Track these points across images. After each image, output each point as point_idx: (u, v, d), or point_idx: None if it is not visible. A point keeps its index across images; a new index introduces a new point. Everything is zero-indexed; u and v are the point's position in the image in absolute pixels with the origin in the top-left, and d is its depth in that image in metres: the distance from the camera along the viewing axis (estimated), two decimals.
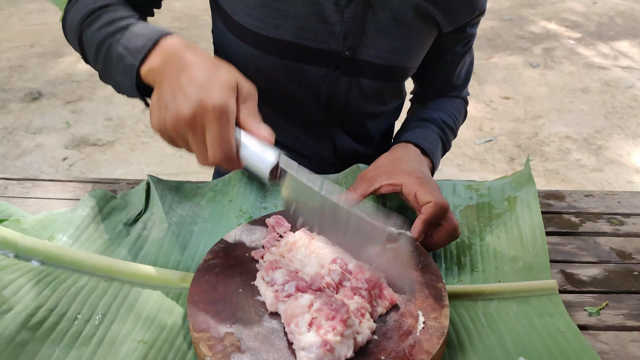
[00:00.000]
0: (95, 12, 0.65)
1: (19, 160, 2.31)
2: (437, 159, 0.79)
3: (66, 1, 0.70)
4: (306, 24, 0.72)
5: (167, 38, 0.57)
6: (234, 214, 0.71)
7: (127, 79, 0.59)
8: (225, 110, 0.49)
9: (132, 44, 0.58)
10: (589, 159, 2.44)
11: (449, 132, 0.85)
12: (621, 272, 0.67)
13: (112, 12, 0.64)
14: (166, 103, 0.50)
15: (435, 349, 0.49)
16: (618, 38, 3.81)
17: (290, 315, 0.49)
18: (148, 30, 0.59)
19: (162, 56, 0.55)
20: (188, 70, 0.51)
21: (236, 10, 0.73)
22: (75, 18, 0.66)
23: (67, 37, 0.71)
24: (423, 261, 0.60)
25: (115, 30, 0.61)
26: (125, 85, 0.60)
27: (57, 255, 0.59)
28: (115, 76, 0.62)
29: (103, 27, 0.63)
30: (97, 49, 0.63)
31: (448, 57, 0.85)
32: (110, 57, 0.61)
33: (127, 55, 0.58)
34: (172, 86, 0.51)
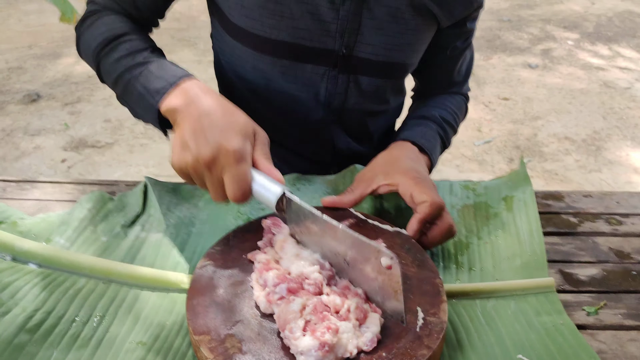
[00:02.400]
0: (112, 42, 0.68)
1: (17, 162, 2.30)
2: (435, 157, 0.79)
3: (65, 1, 0.71)
4: (302, 23, 0.72)
5: (186, 81, 0.61)
6: (232, 216, 0.70)
7: (147, 115, 0.65)
8: (243, 153, 0.54)
9: (152, 85, 0.62)
10: (587, 159, 2.44)
11: (448, 128, 0.85)
12: (619, 272, 0.67)
13: (129, 43, 0.68)
14: (187, 144, 0.55)
15: (435, 344, 0.49)
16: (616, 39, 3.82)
17: (284, 321, 0.49)
18: (166, 72, 0.63)
19: (182, 98, 0.59)
20: (208, 115, 0.55)
21: (232, 12, 0.74)
22: (92, 45, 0.70)
23: (83, 58, 0.75)
24: (419, 258, 0.60)
25: (134, 65, 0.66)
26: (145, 119, 0.66)
27: (55, 257, 0.59)
28: (136, 109, 0.67)
29: (121, 59, 0.67)
30: (116, 80, 0.67)
31: (448, 53, 0.85)
32: (129, 92, 0.66)
33: (147, 96, 0.63)
34: (194, 129, 0.55)
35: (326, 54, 0.75)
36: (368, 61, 0.77)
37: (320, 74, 0.77)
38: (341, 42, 0.74)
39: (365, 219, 0.66)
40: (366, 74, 0.78)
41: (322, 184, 0.78)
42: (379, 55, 0.77)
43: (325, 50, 0.75)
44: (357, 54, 0.76)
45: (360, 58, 0.76)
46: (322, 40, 0.74)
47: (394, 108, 0.92)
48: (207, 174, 0.55)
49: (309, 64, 0.76)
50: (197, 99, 0.58)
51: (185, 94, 0.59)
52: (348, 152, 0.89)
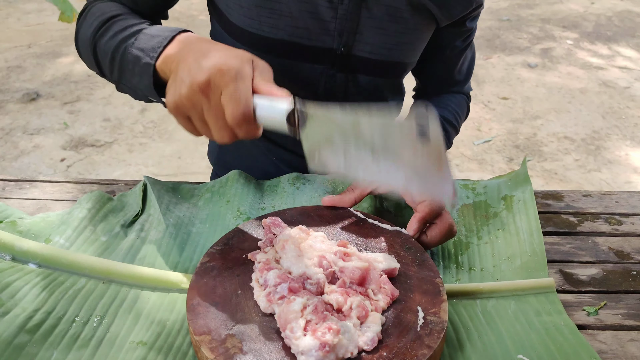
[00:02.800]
0: (107, 23, 0.66)
1: (16, 161, 2.30)
2: None
3: (65, 0, 0.70)
4: (300, 22, 0.72)
5: (184, 33, 0.58)
6: (232, 215, 0.70)
7: (144, 79, 0.60)
8: (241, 71, 0.49)
9: (148, 44, 0.59)
10: (587, 159, 2.44)
11: (450, 128, 0.85)
12: (619, 272, 0.67)
13: (124, 21, 0.65)
14: (182, 78, 0.51)
15: (436, 343, 0.49)
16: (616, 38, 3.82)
17: (284, 321, 0.49)
18: (163, 30, 0.60)
19: (178, 46, 0.56)
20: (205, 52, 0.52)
21: (231, 11, 0.74)
22: (87, 32, 0.68)
23: (81, 53, 0.72)
24: (420, 257, 0.60)
25: (129, 35, 0.62)
26: (142, 86, 0.61)
27: (55, 257, 0.59)
28: (132, 80, 0.62)
29: (116, 34, 0.64)
30: (112, 57, 0.64)
31: (448, 52, 0.84)
32: (125, 62, 0.62)
33: (143, 56, 0.59)
34: (188, 65, 0.51)
35: (325, 52, 0.75)
36: (367, 60, 0.77)
37: (318, 73, 0.77)
38: (340, 41, 0.74)
39: (365, 218, 0.66)
40: (365, 72, 0.78)
41: (321, 183, 0.78)
42: (377, 54, 0.76)
43: (324, 49, 0.75)
44: (356, 52, 0.76)
45: (359, 57, 0.76)
46: (320, 39, 0.74)
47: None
48: (205, 101, 0.50)
49: (307, 63, 0.76)
50: (193, 43, 0.55)
51: (182, 42, 0.57)
52: None
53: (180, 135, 2.52)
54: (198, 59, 0.51)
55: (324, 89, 0.79)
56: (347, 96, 0.81)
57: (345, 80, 0.79)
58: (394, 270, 0.57)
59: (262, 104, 0.50)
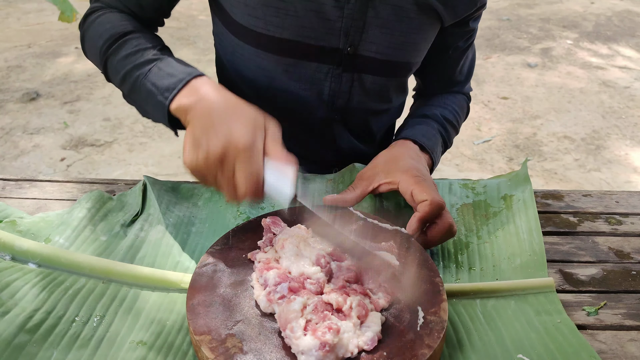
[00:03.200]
0: (119, 40, 0.68)
1: (16, 161, 2.30)
2: (436, 156, 0.79)
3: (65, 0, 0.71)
4: (306, 21, 0.72)
5: (196, 79, 0.61)
6: (232, 215, 0.70)
7: (157, 113, 0.63)
8: (254, 146, 0.53)
9: (162, 83, 0.62)
10: (587, 158, 2.44)
11: (450, 128, 0.85)
12: (619, 272, 0.67)
13: (137, 40, 0.67)
14: (199, 142, 0.55)
15: (436, 343, 0.49)
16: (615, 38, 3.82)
17: (285, 320, 0.49)
18: (177, 70, 0.63)
19: (192, 97, 0.59)
20: (218, 111, 0.56)
21: (235, 10, 0.73)
22: (97, 43, 0.69)
23: (88, 57, 0.75)
24: (419, 257, 0.60)
25: (142, 63, 0.65)
26: (155, 117, 0.66)
27: (54, 257, 0.59)
28: (145, 107, 0.66)
29: (128, 56, 0.66)
30: (124, 78, 0.66)
31: (450, 53, 0.85)
32: (137, 90, 0.65)
33: (157, 94, 0.62)
34: (204, 126, 0.55)
35: (330, 52, 0.75)
36: (372, 60, 0.77)
37: (324, 73, 0.77)
38: (346, 41, 0.74)
39: (365, 217, 0.66)
40: (370, 72, 0.78)
41: (322, 183, 0.78)
42: (383, 53, 0.76)
43: (330, 48, 0.75)
44: (362, 52, 0.76)
45: (365, 57, 0.76)
46: (326, 38, 0.74)
47: (396, 107, 0.92)
48: (219, 171, 0.54)
49: (313, 63, 0.76)
50: (207, 96, 0.58)
51: (196, 92, 0.59)
52: (350, 151, 0.89)
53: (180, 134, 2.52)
54: (214, 126, 0.54)
55: (329, 88, 0.79)
56: (352, 96, 0.80)
57: (351, 80, 0.78)
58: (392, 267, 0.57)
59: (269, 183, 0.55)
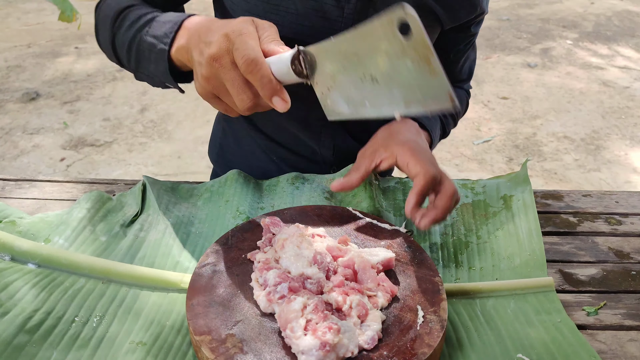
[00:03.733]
0: (122, 13, 0.69)
1: (16, 161, 2.30)
2: (435, 136, 0.79)
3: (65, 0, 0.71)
4: (306, 20, 0.72)
5: (190, 18, 0.61)
6: (231, 215, 0.70)
7: (160, 66, 0.63)
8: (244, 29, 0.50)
9: (160, 31, 0.62)
10: (586, 159, 2.44)
11: (448, 116, 0.86)
12: (619, 272, 0.67)
13: (138, 10, 0.69)
14: (198, 61, 0.53)
15: (436, 342, 0.49)
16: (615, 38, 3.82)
17: (285, 320, 0.49)
18: (172, 16, 0.63)
19: (187, 33, 0.59)
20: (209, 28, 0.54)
21: (236, 7, 0.74)
22: (105, 24, 0.71)
23: (101, 44, 0.75)
24: (418, 256, 0.60)
25: (143, 25, 0.66)
26: (158, 73, 0.64)
27: (54, 257, 0.59)
28: (148, 67, 0.65)
29: (132, 24, 0.67)
30: (129, 46, 0.67)
31: (452, 57, 0.85)
32: (141, 50, 0.65)
33: (157, 43, 0.62)
34: (199, 47, 0.53)
35: None
36: None
37: None
38: None
39: (364, 217, 0.66)
40: None
41: (320, 183, 0.78)
42: None
43: None
44: None
45: None
46: (326, 37, 0.74)
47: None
48: (220, 69, 0.51)
49: None
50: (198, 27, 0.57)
51: (189, 29, 0.59)
52: (348, 152, 0.89)
53: (179, 135, 2.52)
54: (204, 38, 0.53)
55: None
56: None
57: None
58: (390, 260, 0.57)
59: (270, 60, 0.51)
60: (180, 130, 2.56)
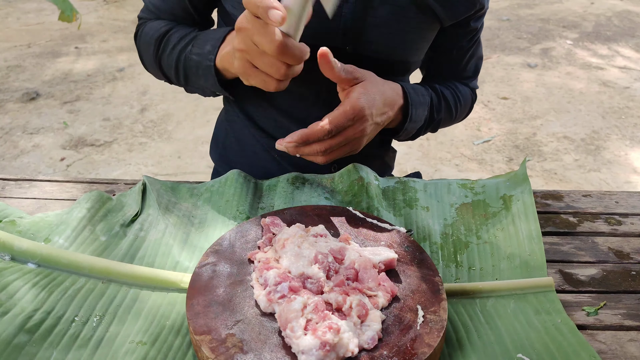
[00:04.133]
0: (163, 39, 0.76)
1: (16, 161, 2.30)
2: (415, 111, 0.78)
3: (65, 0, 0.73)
4: None
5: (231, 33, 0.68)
6: (231, 215, 0.70)
7: (209, 80, 0.70)
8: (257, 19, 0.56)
9: (204, 49, 0.69)
10: (586, 159, 2.44)
11: (443, 102, 0.85)
12: (619, 272, 0.67)
13: (177, 33, 0.76)
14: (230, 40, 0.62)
15: (436, 342, 0.49)
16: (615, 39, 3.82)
17: (285, 320, 0.49)
18: (213, 34, 0.70)
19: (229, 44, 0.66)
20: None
21: (236, 11, 0.74)
22: (149, 51, 0.79)
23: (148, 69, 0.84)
24: (418, 256, 0.60)
25: (185, 45, 0.73)
26: (209, 85, 0.71)
27: (54, 257, 0.59)
28: (198, 82, 0.72)
29: (174, 47, 0.74)
30: (176, 67, 0.74)
31: (455, 53, 0.85)
32: (188, 68, 0.72)
33: (203, 60, 0.69)
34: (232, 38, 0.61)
35: None
36: (371, 59, 0.77)
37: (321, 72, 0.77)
38: (344, 40, 0.74)
39: (364, 217, 0.66)
40: None
41: (320, 183, 0.78)
42: (382, 53, 0.77)
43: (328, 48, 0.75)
44: (360, 51, 0.76)
45: (363, 56, 0.76)
46: (325, 38, 0.74)
47: None
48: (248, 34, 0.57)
49: (310, 62, 0.76)
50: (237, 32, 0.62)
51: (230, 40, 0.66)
52: None
53: (180, 134, 2.52)
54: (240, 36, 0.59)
55: (327, 88, 0.79)
56: None
57: None
58: (392, 260, 0.57)
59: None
60: (180, 130, 2.56)
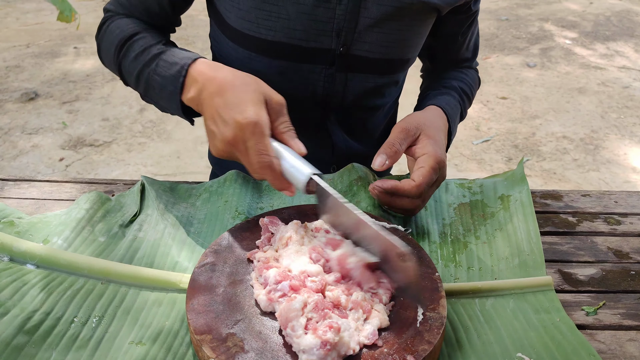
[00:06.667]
0: (127, 43, 0.72)
1: (15, 161, 2.30)
2: (454, 125, 0.80)
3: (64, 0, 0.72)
4: (297, 24, 0.72)
5: (194, 65, 0.64)
6: (230, 215, 0.70)
7: (172, 104, 0.67)
8: (258, 124, 0.56)
9: (168, 73, 0.66)
10: (585, 158, 2.44)
11: (466, 100, 0.87)
12: (618, 272, 0.67)
13: (142, 40, 0.72)
14: (213, 131, 0.59)
15: (436, 339, 0.50)
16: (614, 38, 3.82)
17: (285, 319, 0.49)
18: (178, 57, 0.67)
19: (196, 86, 0.63)
20: (220, 94, 0.58)
21: (229, 13, 0.74)
22: (110, 50, 0.75)
23: (106, 66, 0.80)
24: (417, 254, 0.60)
25: (149, 60, 0.69)
26: (171, 109, 0.69)
27: (53, 258, 0.59)
28: (159, 101, 0.70)
29: (137, 57, 0.71)
30: (137, 78, 0.71)
31: (459, 39, 0.86)
32: (150, 86, 0.70)
33: (167, 84, 0.66)
34: (212, 114, 0.59)
35: (323, 53, 0.75)
36: (365, 59, 0.77)
37: (317, 73, 0.77)
38: (338, 41, 0.74)
39: None
40: (364, 71, 0.78)
41: None
42: (376, 52, 0.77)
43: (322, 49, 0.75)
44: (354, 52, 0.76)
45: (357, 56, 0.76)
46: (318, 40, 0.74)
47: (391, 103, 0.93)
48: (236, 152, 0.58)
49: (305, 64, 0.76)
50: (208, 82, 0.61)
51: (197, 80, 0.62)
52: (347, 151, 0.89)
53: (179, 135, 2.52)
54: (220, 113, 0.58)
55: (322, 88, 0.79)
56: (346, 95, 0.81)
57: (344, 79, 0.79)
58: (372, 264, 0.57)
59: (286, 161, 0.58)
60: (179, 130, 2.56)
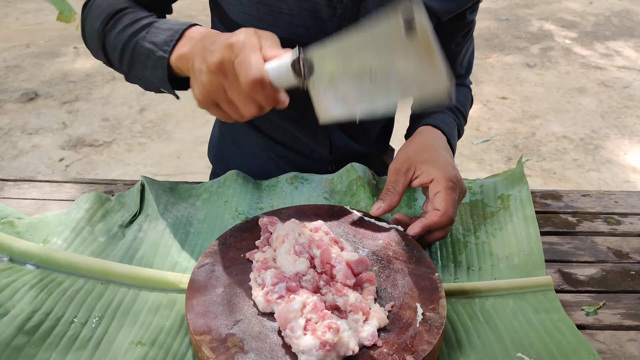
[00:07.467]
0: (115, 16, 0.68)
1: (15, 161, 2.30)
2: (454, 141, 0.80)
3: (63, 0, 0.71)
4: (299, 20, 0.72)
5: (192, 28, 0.61)
6: (230, 215, 0.70)
7: (157, 72, 0.63)
8: (247, 41, 0.51)
9: (159, 38, 0.62)
10: (585, 158, 2.44)
11: (461, 118, 0.86)
12: (618, 272, 0.67)
13: (132, 14, 0.68)
14: (199, 68, 0.54)
15: (436, 339, 0.50)
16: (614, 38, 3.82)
17: (284, 320, 0.49)
18: (172, 24, 0.63)
19: (190, 42, 0.59)
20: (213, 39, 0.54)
21: (231, 7, 0.74)
22: (95, 24, 0.70)
23: (88, 44, 0.74)
24: (417, 254, 0.60)
25: (139, 29, 0.65)
26: (155, 79, 0.64)
27: (52, 258, 0.59)
28: (143, 72, 0.65)
29: (126, 28, 0.66)
30: (122, 49, 0.66)
31: (452, 48, 0.85)
32: (137, 55, 0.65)
33: (156, 50, 0.62)
34: (201, 55, 0.54)
35: None
36: None
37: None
38: None
39: (362, 216, 0.66)
40: None
41: (319, 182, 0.78)
42: None
43: None
44: None
45: None
46: (319, 37, 0.74)
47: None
48: (223, 80, 0.52)
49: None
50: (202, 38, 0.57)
51: (192, 38, 0.60)
52: (345, 151, 0.89)
53: (179, 135, 2.52)
54: (208, 47, 0.53)
55: None
56: None
57: None
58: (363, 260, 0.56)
59: (271, 65, 0.51)
60: (179, 130, 2.56)
